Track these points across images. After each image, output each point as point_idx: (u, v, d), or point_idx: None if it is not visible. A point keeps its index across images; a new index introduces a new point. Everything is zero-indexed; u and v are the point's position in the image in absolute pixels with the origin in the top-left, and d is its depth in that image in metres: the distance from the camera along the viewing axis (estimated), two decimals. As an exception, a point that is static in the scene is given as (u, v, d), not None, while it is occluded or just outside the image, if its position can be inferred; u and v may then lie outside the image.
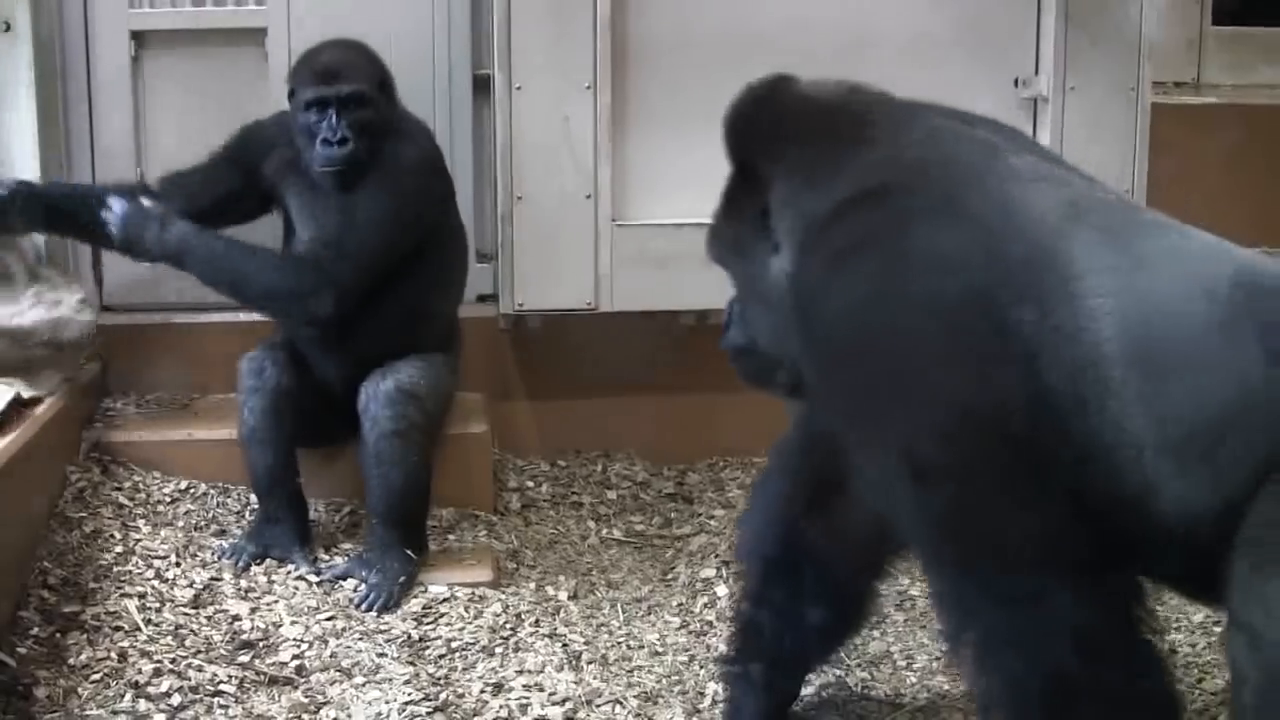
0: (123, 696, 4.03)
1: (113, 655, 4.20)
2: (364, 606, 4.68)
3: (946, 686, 4.28)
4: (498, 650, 4.45)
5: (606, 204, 5.53)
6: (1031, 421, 3.06)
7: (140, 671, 4.14)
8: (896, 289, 3.16)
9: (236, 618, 4.50)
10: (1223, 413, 2.94)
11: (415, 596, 4.74)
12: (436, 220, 5.19)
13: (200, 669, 4.20)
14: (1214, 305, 3.00)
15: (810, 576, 3.79)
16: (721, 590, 4.83)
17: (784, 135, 3.53)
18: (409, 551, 4.84)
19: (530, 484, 5.72)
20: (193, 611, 4.52)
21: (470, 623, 4.59)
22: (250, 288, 4.89)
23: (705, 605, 4.80)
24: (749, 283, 3.62)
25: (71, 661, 4.15)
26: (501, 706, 4.15)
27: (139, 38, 5.88)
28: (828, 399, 3.39)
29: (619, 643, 4.58)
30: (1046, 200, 3.21)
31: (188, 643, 4.34)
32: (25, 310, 4.96)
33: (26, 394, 4.84)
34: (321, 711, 4.07)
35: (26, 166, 5.34)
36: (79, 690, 4.03)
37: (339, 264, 4.86)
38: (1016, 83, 5.75)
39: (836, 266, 3.25)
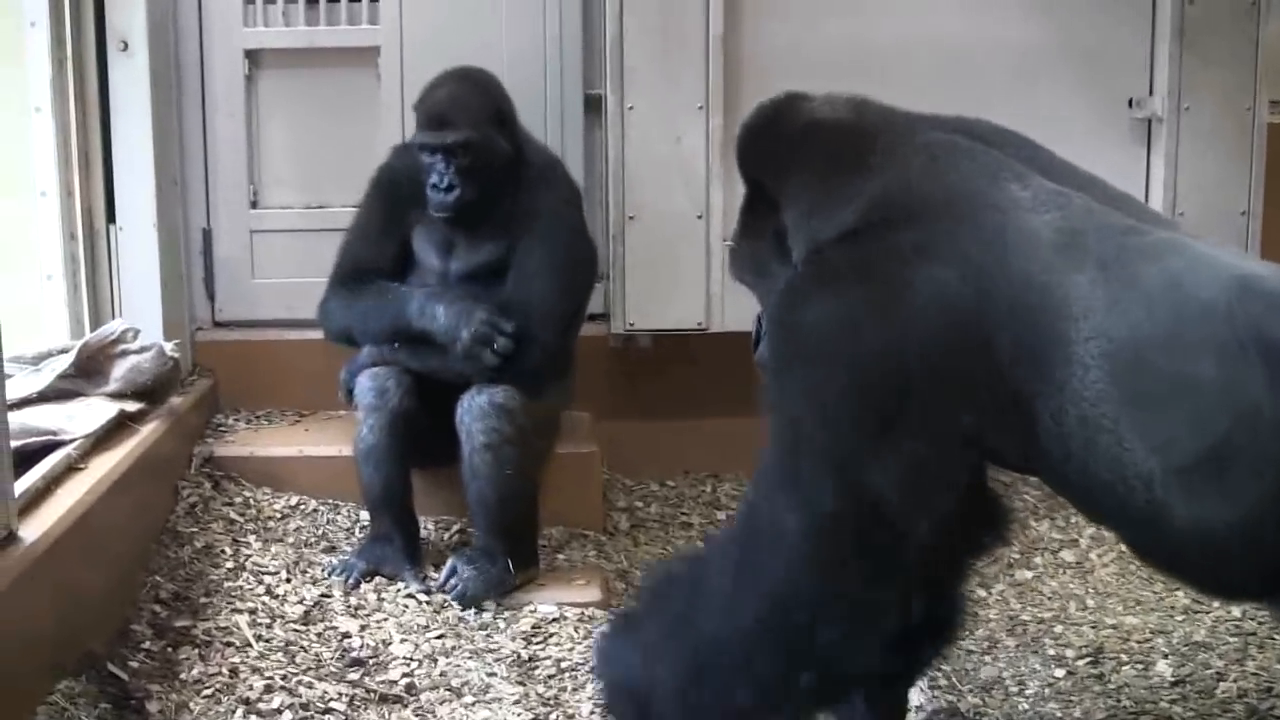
0: (234, 712, 4.03)
1: (224, 671, 4.21)
2: (451, 594, 4.79)
3: (1059, 713, 4.23)
4: None
5: (718, 224, 5.53)
6: (1020, 455, 3.25)
7: (251, 688, 4.14)
8: (887, 315, 3.22)
9: (346, 635, 4.51)
10: (1228, 436, 2.98)
11: (524, 616, 4.73)
12: None
13: (310, 686, 4.19)
14: (1213, 328, 3.03)
15: None
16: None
17: (792, 157, 3.57)
18: (509, 561, 4.86)
19: (640, 504, 5.71)
20: (303, 628, 4.53)
21: (580, 643, 4.57)
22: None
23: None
24: (770, 300, 3.65)
25: (183, 676, 4.16)
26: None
27: (253, 56, 5.92)
28: (778, 401, 3.38)
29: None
30: (1043, 232, 3.24)
31: (298, 659, 4.34)
32: (110, 382, 4.98)
33: (131, 408, 4.88)
34: (431, 730, 4.08)
35: (141, 180, 5.39)
36: (190, 705, 4.04)
37: (537, 333, 5.02)
38: (1130, 103, 5.70)
39: (827, 283, 3.31)
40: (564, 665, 4.44)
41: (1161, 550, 3.20)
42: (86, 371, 4.89)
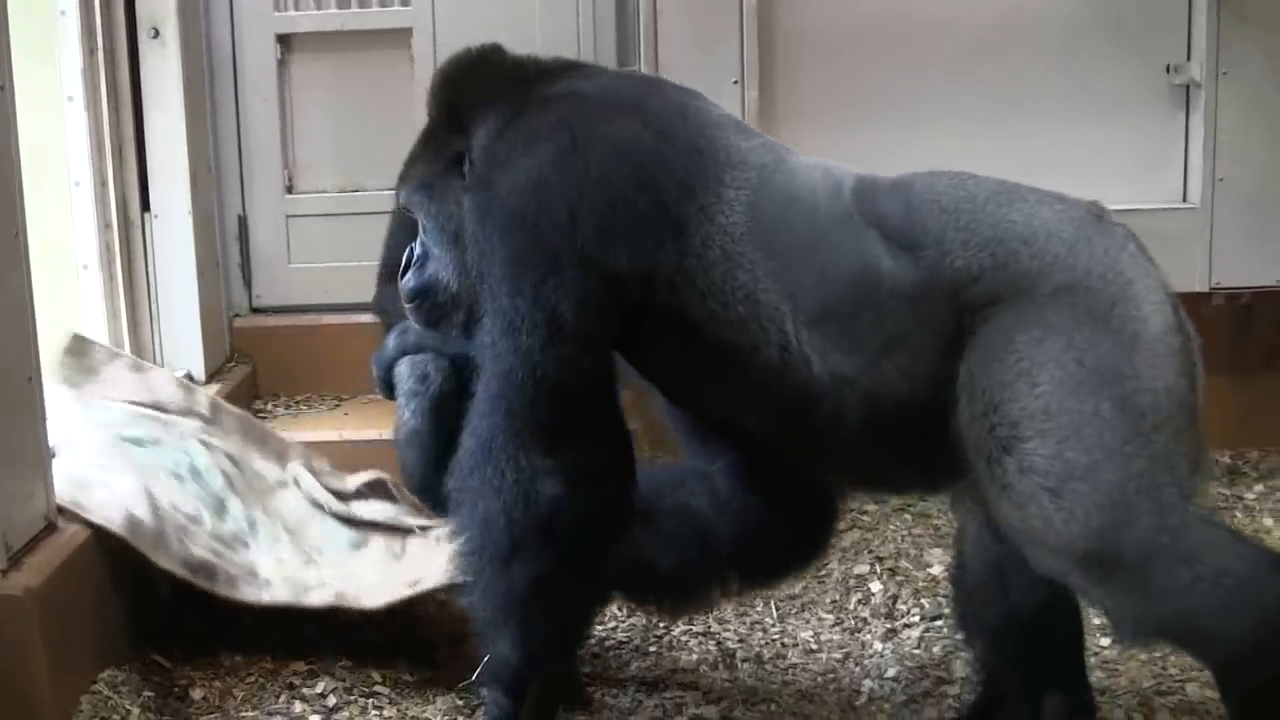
0: (278, 697, 4.04)
1: (267, 656, 4.21)
2: None
3: (1105, 682, 4.20)
4: (651, 649, 4.42)
5: (754, 196, 5.50)
6: (670, 289, 3.46)
7: (295, 672, 4.15)
8: (575, 167, 3.44)
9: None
10: (851, 291, 3.34)
11: (568, 595, 4.72)
12: None
13: (354, 670, 4.19)
14: (838, 201, 3.42)
15: None
16: (875, 587, 4.78)
17: (499, 83, 3.71)
18: None
19: (680, 482, 5.69)
20: (346, 611, 4.52)
21: (623, 621, 4.56)
22: None
23: (859, 602, 4.74)
24: (439, 222, 3.78)
25: (226, 663, 4.16)
26: (656, 706, 4.12)
27: (284, 40, 5.94)
28: (487, 266, 3.54)
29: (773, 640, 4.54)
30: (716, 113, 3.64)
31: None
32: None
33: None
34: (477, 712, 4.04)
35: (175, 168, 5.39)
36: (234, 691, 4.05)
37: None
38: (1168, 69, 5.64)
39: (525, 146, 3.51)
40: (608, 644, 4.43)
41: (790, 407, 3.45)
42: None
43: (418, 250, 3.83)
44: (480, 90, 3.69)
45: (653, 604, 4.04)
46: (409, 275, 3.86)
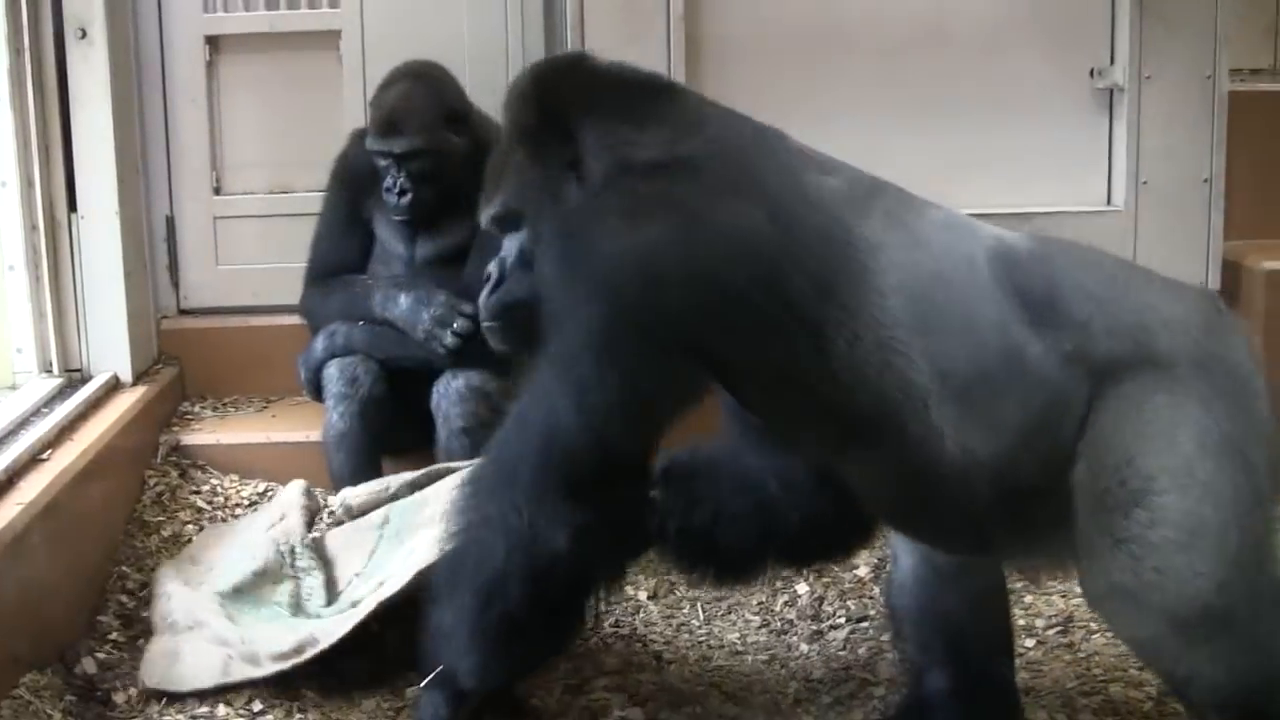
0: (201, 701, 4.01)
1: (190, 660, 4.20)
2: None
3: (1030, 682, 4.22)
4: (578, 651, 4.42)
5: (681, 201, 5.50)
6: (813, 379, 3.34)
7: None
8: (685, 252, 3.29)
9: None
10: (997, 367, 3.31)
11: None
12: None
13: (280, 674, 4.18)
14: (975, 274, 3.37)
15: None
16: (802, 588, 4.79)
17: (601, 92, 3.59)
18: None
19: (608, 484, 5.69)
20: (271, 615, 4.51)
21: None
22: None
23: (785, 604, 4.75)
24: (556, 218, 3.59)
25: (149, 667, 4.15)
26: (583, 708, 4.12)
27: (213, 42, 5.91)
28: (564, 315, 3.40)
29: (699, 642, 4.56)
30: (835, 184, 3.45)
31: (268, 646, 4.32)
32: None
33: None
34: (400, 714, 4.05)
35: (103, 168, 5.35)
36: (158, 696, 4.03)
37: None
38: (1092, 73, 5.69)
39: (630, 215, 3.34)
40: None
41: (922, 480, 3.38)
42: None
43: (508, 264, 3.67)
44: (580, 96, 3.57)
45: (701, 573, 3.93)
46: (494, 293, 3.70)
